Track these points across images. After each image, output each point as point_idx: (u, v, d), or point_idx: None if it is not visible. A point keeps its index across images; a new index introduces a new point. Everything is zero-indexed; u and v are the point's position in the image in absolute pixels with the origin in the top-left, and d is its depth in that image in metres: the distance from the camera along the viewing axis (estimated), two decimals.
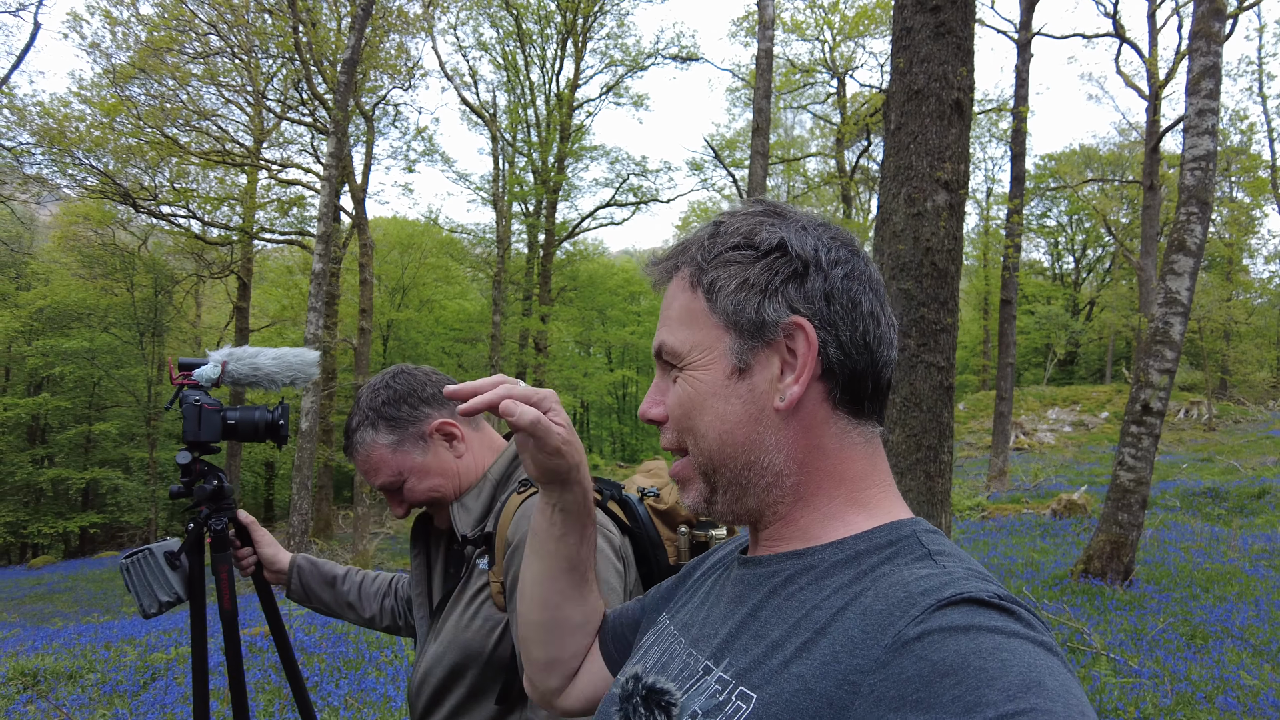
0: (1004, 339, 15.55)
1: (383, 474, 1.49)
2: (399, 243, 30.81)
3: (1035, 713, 0.49)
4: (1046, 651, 0.55)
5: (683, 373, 0.77)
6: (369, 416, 1.50)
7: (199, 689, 1.81)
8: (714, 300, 0.75)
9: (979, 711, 0.50)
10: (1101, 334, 34.53)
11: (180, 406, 1.76)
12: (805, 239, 0.75)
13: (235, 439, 1.80)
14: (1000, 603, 0.59)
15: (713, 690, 0.69)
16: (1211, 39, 6.95)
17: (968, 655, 0.54)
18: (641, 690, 0.76)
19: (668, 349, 0.79)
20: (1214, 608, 6.26)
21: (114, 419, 25.17)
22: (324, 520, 18.90)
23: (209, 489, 1.84)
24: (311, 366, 1.81)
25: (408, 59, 20.34)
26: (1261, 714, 4.21)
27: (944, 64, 4.62)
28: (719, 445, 0.75)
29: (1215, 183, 7.53)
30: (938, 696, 0.52)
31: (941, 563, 0.66)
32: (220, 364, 1.75)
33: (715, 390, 0.75)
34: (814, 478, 0.75)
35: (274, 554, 1.90)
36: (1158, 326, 6.83)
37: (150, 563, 1.74)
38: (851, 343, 0.73)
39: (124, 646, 6.52)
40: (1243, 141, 25.10)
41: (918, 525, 0.72)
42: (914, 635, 0.57)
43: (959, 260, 4.85)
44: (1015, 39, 16.91)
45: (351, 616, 1.86)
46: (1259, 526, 9.68)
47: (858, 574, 0.68)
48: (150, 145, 17.79)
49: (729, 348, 0.75)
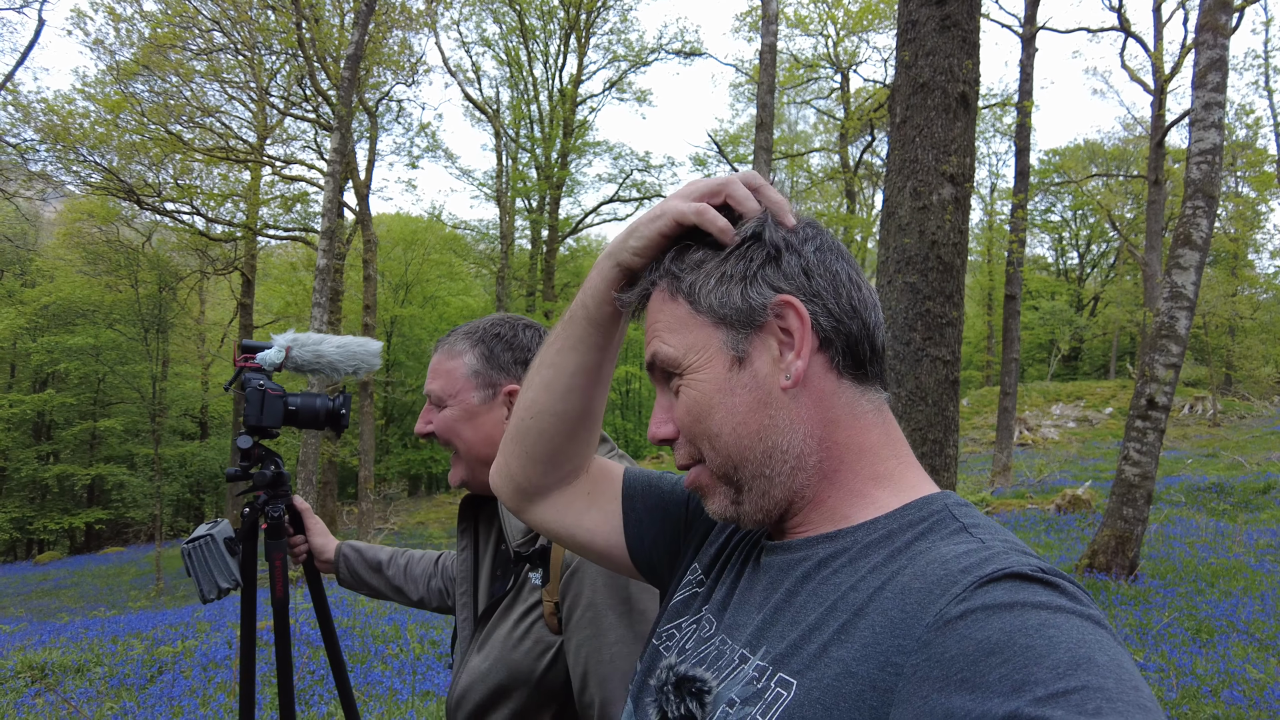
0: (1008, 334, 15.52)
1: (438, 383, 1.44)
2: (402, 239, 30.83)
3: (1087, 690, 0.47)
4: (1095, 625, 0.54)
5: (683, 379, 0.77)
6: (479, 334, 1.46)
7: (245, 675, 1.80)
8: (697, 301, 0.76)
9: (1028, 690, 0.48)
10: (1106, 330, 34.44)
11: (243, 390, 1.74)
12: (769, 226, 0.76)
13: (296, 425, 1.78)
14: (1044, 576, 0.57)
15: (750, 678, 0.67)
16: (1218, 32, 6.92)
17: (1013, 633, 0.52)
18: (673, 679, 0.75)
19: (662, 358, 0.78)
20: (1219, 602, 6.25)
21: (119, 415, 25.25)
22: (329, 516, 18.95)
23: (268, 474, 1.83)
24: (375, 356, 1.80)
25: (411, 55, 20.33)
26: (1267, 707, 4.20)
27: (949, 57, 4.60)
28: (735, 439, 0.74)
29: (1221, 177, 7.50)
30: (984, 676, 0.51)
31: (979, 536, 0.65)
32: (284, 349, 1.73)
33: (719, 386, 0.74)
34: (834, 452, 0.74)
35: (324, 543, 1.90)
36: (1163, 321, 6.81)
37: (212, 548, 1.73)
38: (840, 309, 0.74)
39: (131, 640, 6.55)
40: (1249, 136, 24.98)
41: (949, 499, 0.72)
42: (957, 614, 0.56)
43: (964, 254, 4.84)
44: (1020, 33, 16.85)
45: (401, 599, 1.84)
46: (1264, 522, 9.66)
47: (892, 552, 0.67)
48: (154, 142, 17.81)
49: (723, 342, 0.75)
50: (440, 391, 1.44)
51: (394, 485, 29.79)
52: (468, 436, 1.43)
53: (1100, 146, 33.32)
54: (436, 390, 1.44)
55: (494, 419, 1.43)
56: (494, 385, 1.43)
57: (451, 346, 1.46)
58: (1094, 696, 0.47)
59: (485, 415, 1.43)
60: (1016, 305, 15.73)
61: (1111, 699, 0.47)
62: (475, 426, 1.43)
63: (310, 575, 1.96)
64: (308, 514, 1.91)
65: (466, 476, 1.46)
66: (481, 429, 1.43)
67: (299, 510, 1.90)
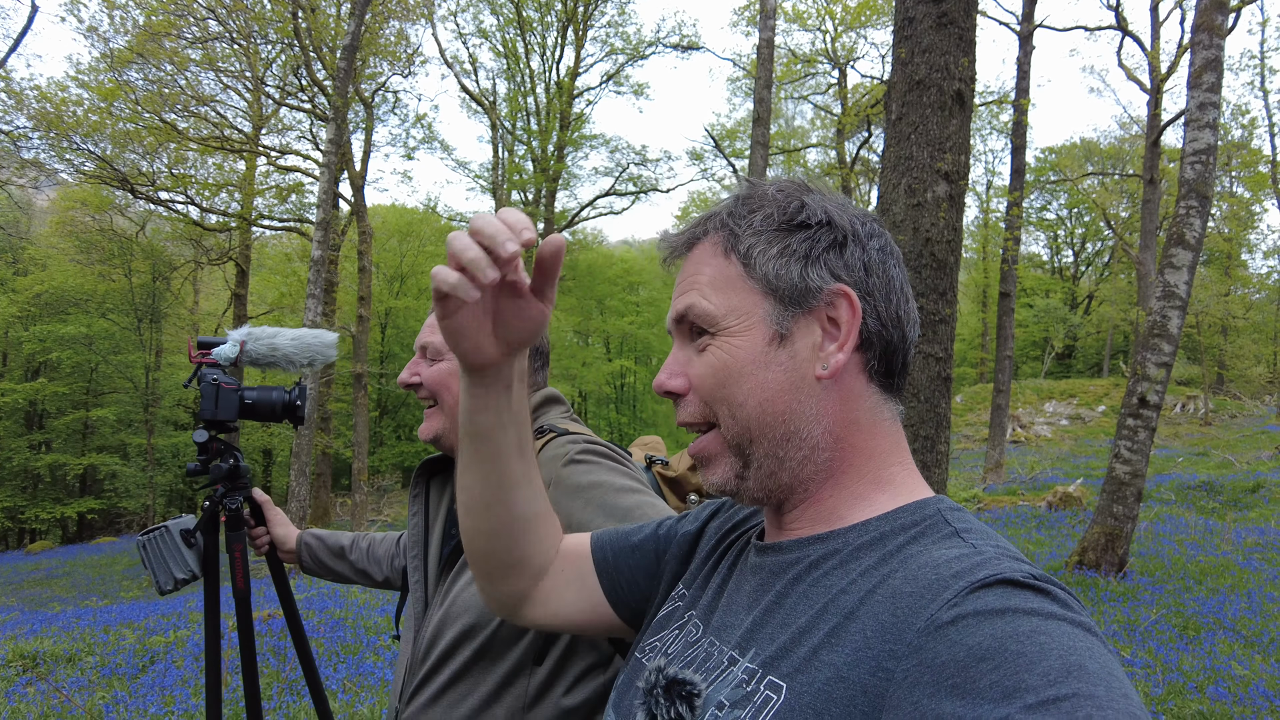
0: (1002, 332, 15.57)
1: (437, 336, 1.44)
2: (398, 230, 30.75)
3: (1077, 698, 0.47)
4: (1086, 632, 0.53)
5: (715, 339, 0.74)
6: None
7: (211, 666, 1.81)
8: (751, 265, 0.74)
9: (1018, 697, 0.48)
10: (1100, 328, 34.58)
11: (198, 385, 1.76)
12: (843, 211, 0.75)
13: (253, 419, 1.79)
14: (1035, 583, 0.57)
15: (739, 680, 0.67)
16: (1214, 32, 6.94)
17: (1005, 639, 0.51)
18: (663, 682, 0.73)
19: (698, 312, 0.75)
20: (1207, 600, 6.30)
21: (111, 405, 25.16)
22: (322, 508, 18.94)
23: (225, 468, 1.84)
24: (329, 348, 1.81)
25: (407, 45, 20.25)
26: (1251, 703, 4.25)
27: (946, 54, 4.61)
28: (759, 414, 0.72)
29: (1215, 177, 7.53)
30: (975, 682, 0.50)
31: (971, 541, 0.64)
32: (239, 343, 1.75)
33: (754, 357, 0.73)
34: (846, 454, 0.73)
35: (285, 533, 1.90)
36: (1155, 320, 6.85)
37: (167, 540, 1.76)
38: (888, 315, 0.74)
39: (123, 630, 6.55)
40: (1244, 136, 25.05)
41: (942, 503, 0.71)
42: (948, 619, 0.55)
43: (958, 251, 4.86)
44: (1017, 31, 16.86)
45: (367, 582, 1.85)
46: (1253, 520, 9.73)
47: (884, 555, 0.66)
48: (148, 130, 17.71)
49: (767, 314, 0.73)
50: (439, 345, 1.44)
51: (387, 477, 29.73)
52: (457, 390, 1.42)
53: (1096, 145, 33.38)
54: (435, 343, 1.44)
55: None
56: None
57: None
58: (1084, 704, 0.47)
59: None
60: (1011, 303, 15.77)
61: (1102, 706, 0.47)
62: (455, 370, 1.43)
63: (274, 566, 1.96)
64: (268, 505, 1.91)
65: (441, 431, 1.46)
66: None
67: (259, 502, 1.91)
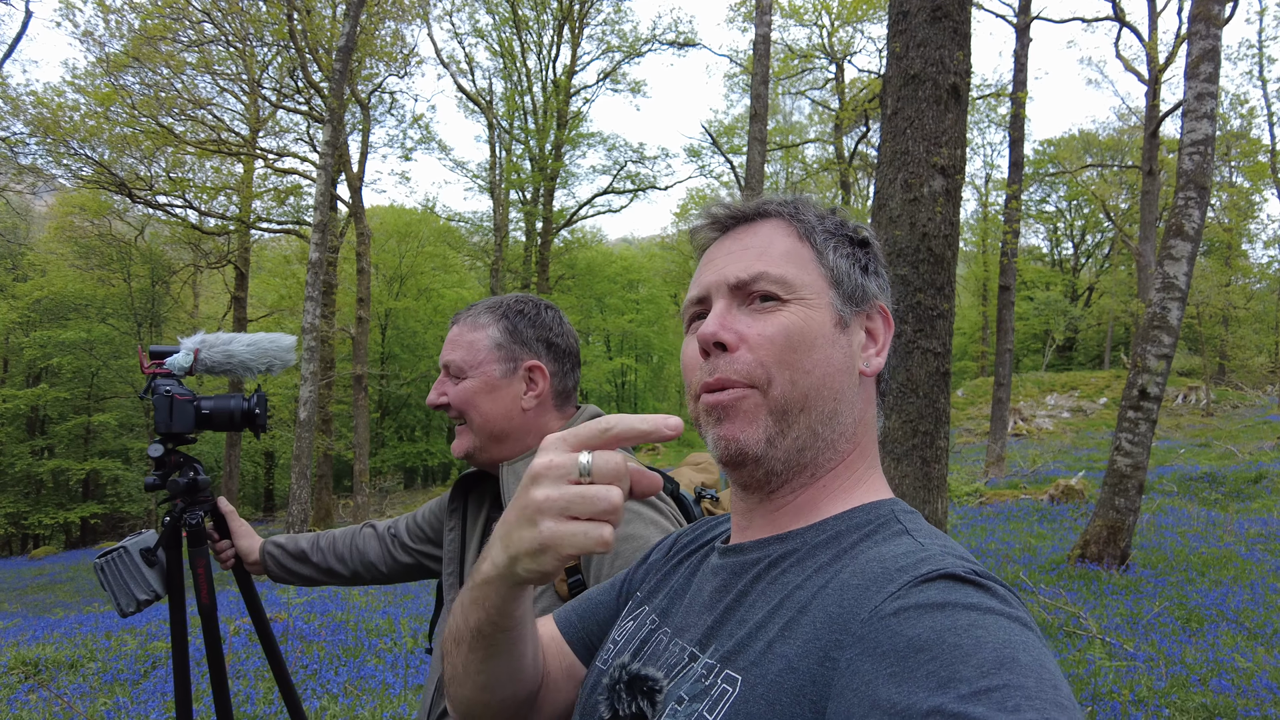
0: (1002, 325, 15.54)
1: (459, 353, 1.44)
2: (396, 231, 30.75)
3: (1008, 689, 0.49)
4: (1021, 627, 0.56)
5: (788, 306, 0.76)
6: (503, 308, 1.47)
7: (180, 686, 1.76)
8: (823, 254, 0.79)
9: (953, 687, 0.50)
10: (1100, 320, 34.53)
11: (151, 397, 1.71)
12: (875, 241, 0.84)
13: (211, 429, 1.74)
14: (976, 579, 0.59)
15: (699, 675, 0.69)
16: (1211, 22, 6.91)
17: (943, 631, 0.54)
18: (625, 677, 0.76)
19: (773, 277, 0.76)
20: (1209, 592, 6.29)
21: (113, 410, 25.18)
22: (324, 509, 18.95)
23: (184, 482, 1.78)
24: (287, 352, 1.77)
25: (403, 46, 20.22)
26: (1255, 695, 4.23)
27: (941, 48, 4.59)
28: (819, 386, 0.74)
29: (1214, 167, 7.51)
30: (913, 671, 0.53)
31: (919, 539, 0.68)
32: (193, 351, 1.70)
33: (825, 333, 0.76)
34: (855, 448, 0.78)
35: (249, 545, 1.87)
36: (1155, 312, 6.83)
37: (126, 560, 1.69)
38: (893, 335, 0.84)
39: (124, 636, 6.55)
40: (1243, 126, 25.01)
41: (896, 505, 0.75)
42: (891, 610, 0.58)
43: (955, 246, 4.84)
44: (1014, 23, 16.81)
45: (335, 580, 1.83)
46: (1255, 511, 9.71)
47: (838, 553, 0.69)
48: (145, 135, 17.71)
49: (833, 300, 0.78)
50: (461, 362, 1.44)
51: (390, 478, 29.80)
52: (485, 409, 1.42)
53: (1095, 137, 33.31)
54: (457, 361, 1.44)
55: (513, 393, 1.43)
56: (515, 359, 1.44)
57: (475, 319, 1.46)
58: (1014, 694, 0.49)
59: (505, 389, 1.43)
60: (1011, 296, 15.75)
61: (1030, 697, 0.49)
62: (494, 399, 1.43)
63: (240, 578, 1.92)
64: (232, 516, 1.88)
65: (473, 447, 1.45)
66: (500, 402, 1.43)
67: (223, 513, 1.87)
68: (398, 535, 1.79)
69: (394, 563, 1.78)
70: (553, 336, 1.48)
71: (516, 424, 1.44)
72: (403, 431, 34.57)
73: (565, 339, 1.50)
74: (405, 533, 1.78)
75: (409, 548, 1.77)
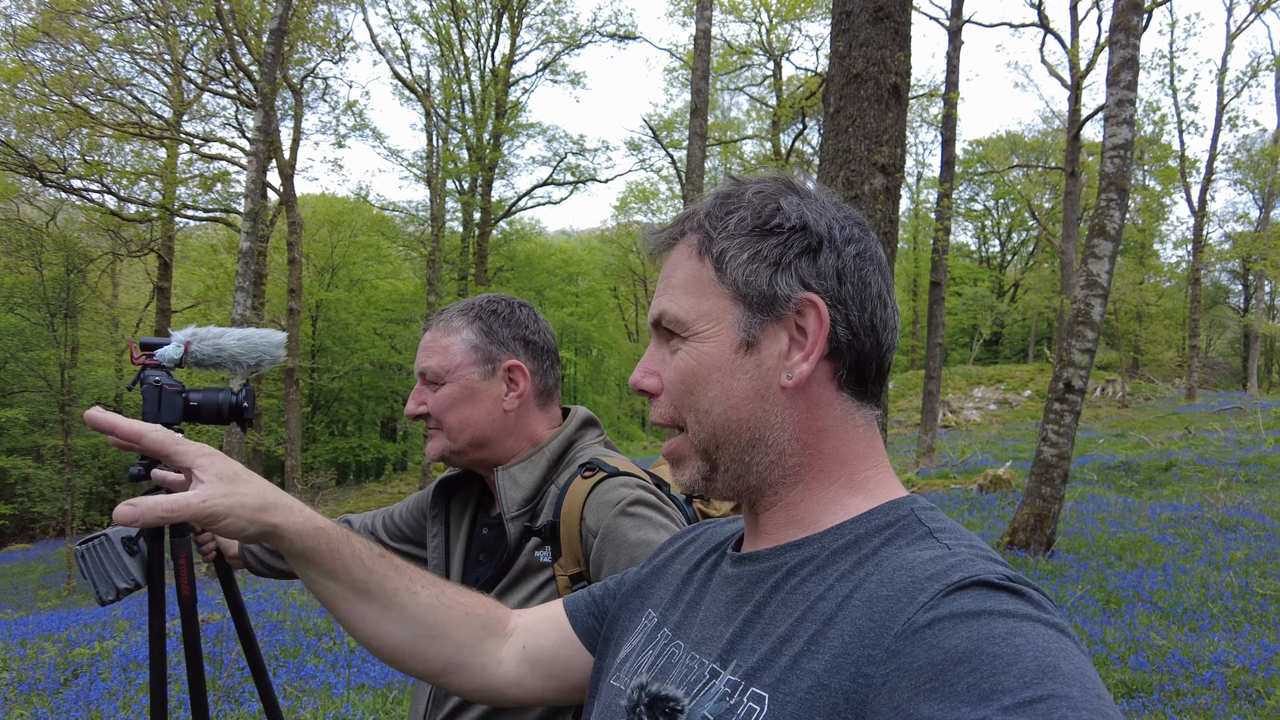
0: (933, 320, 16.00)
1: (435, 359, 1.41)
2: (328, 220, 29.91)
3: (1053, 699, 0.48)
4: (1060, 634, 0.54)
5: (686, 343, 0.74)
6: (476, 309, 1.44)
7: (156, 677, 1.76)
8: (723, 270, 0.73)
9: (996, 699, 0.49)
10: (1025, 315, 35.95)
11: (140, 388, 1.70)
12: (821, 215, 0.73)
13: (198, 421, 1.73)
14: (1009, 584, 0.58)
15: (722, 693, 0.66)
16: (1130, 32, 7.24)
17: (981, 642, 0.52)
18: (645, 699, 0.73)
19: (670, 317, 0.75)
20: (1126, 574, 6.62)
21: (22, 405, 23.84)
22: None
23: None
24: (278, 348, 1.76)
25: (337, 31, 19.64)
26: (1169, 671, 4.48)
27: (883, 48, 4.69)
28: (723, 422, 0.72)
29: (1131, 171, 7.88)
30: (953, 685, 0.51)
31: (945, 541, 0.65)
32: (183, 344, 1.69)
33: (721, 364, 0.72)
34: (816, 460, 0.73)
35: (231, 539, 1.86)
36: (1080, 308, 7.13)
37: (107, 548, 1.69)
38: (860, 323, 0.72)
39: (41, 643, 6.23)
40: (1155, 132, 26.24)
41: (915, 503, 0.71)
42: (925, 623, 0.56)
43: (895, 243, 4.97)
44: (947, 26, 17.30)
45: None
46: (1166, 497, 10.26)
47: (860, 559, 0.66)
48: (57, 114, 16.76)
49: (736, 320, 0.72)
50: (438, 368, 1.41)
51: (322, 474, 29.03)
52: (467, 414, 1.40)
53: (1021, 138, 34.59)
54: (434, 367, 1.41)
55: (494, 395, 1.41)
56: (493, 360, 1.42)
57: (447, 323, 1.44)
58: (1060, 705, 0.48)
59: (486, 392, 1.41)
60: (941, 292, 16.22)
61: (1076, 707, 0.48)
62: (475, 404, 1.40)
63: (221, 572, 1.91)
64: None
65: (449, 451, 1.43)
66: (481, 406, 1.40)
67: None
68: (375, 534, 1.77)
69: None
70: (529, 334, 1.46)
71: (500, 426, 1.42)
72: (334, 427, 33.71)
73: (542, 336, 1.48)
74: (383, 530, 1.76)
75: (387, 546, 1.75)
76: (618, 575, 0.98)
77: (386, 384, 31.89)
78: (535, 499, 1.37)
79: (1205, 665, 4.54)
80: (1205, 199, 24.97)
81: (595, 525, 1.24)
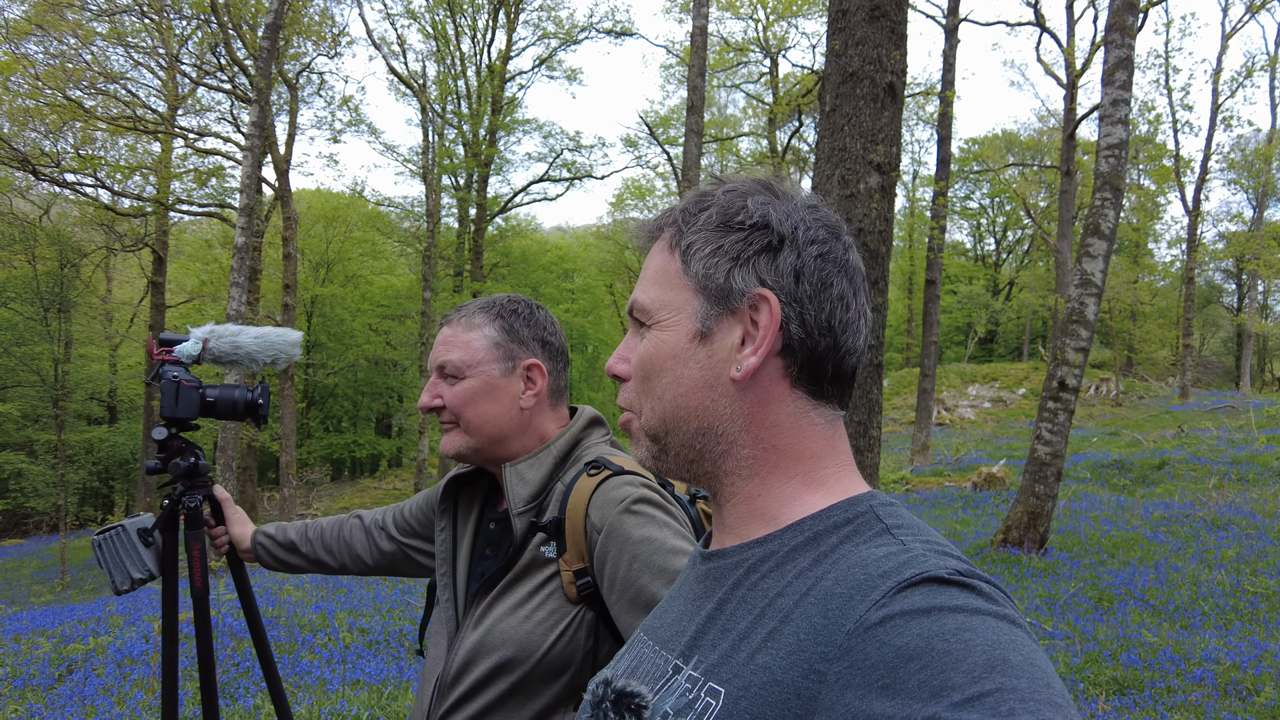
0: (928, 318, 16.04)
1: (456, 353, 1.42)
2: (323, 216, 29.84)
3: (1001, 692, 0.49)
4: (1010, 625, 0.55)
5: (649, 331, 0.78)
6: (497, 308, 1.46)
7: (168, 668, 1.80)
8: (688, 263, 0.76)
9: (945, 696, 0.50)
10: (1020, 313, 36.01)
11: (159, 383, 1.75)
12: (788, 216, 0.74)
13: (214, 417, 1.80)
14: (961, 579, 0.58)
15: (683, 689, 0.67)
16: (1125, 32, 7.26)
17: (931, 638, 0.53)
18: (611, 695, 0.74)
19: (638, 306, 0.79)
20: (1119, 572, 6.65)
21: (15, 400, 23.75)
22: (249, 502, 18.35)
23: (184, 465, 1.83)
24: (294, 347, 1.81)
25: (333, 25, 19.60)
26: (1159, 668, 4.51)
27: (878, 47, 4.70)
28: (674, 408, 0.75)
29: (1126, 170, 7.91)
30: (903, 682, 0.52)
31: (900, 538, 0.65)
32: (201, 341, 1.74)
33: (676, 352, 0.75)
34: (770, 454, 0.74)
35: (243, 532, 1.89)
36: (1074, 307, 7.15)
37: (123, 539, 1.74)
38: (815, 323, 0.73)
39: (35, 638, 6.22)
40: (1150, 131, 26.31)
41: (874, 499, 0.71)
42: (876, 620, 0.56)
43: (889, 241, 4.98)
44: (943, 24, 17.30)
45: (324, 571, 1.86)
46: (1159, 495, 10.31)
47: (818, 556, 0.67)
48: (51, 108, 16.69)
49: (695, 311, 0.75)
50: (459, 362, 1.42)
51: (316, 470, 28.97)
52: (485, 410, 1.41)
53: (1016, 137, 34.65)
54: (455, 361, 1.42)
55: (512, 393, 1.43)
56: (514, 358, 1.44)
57: (469, 319, 1.45)
58: (1008, 698, 0.49)
59: (504, 389, 1.43)
60: (936, 290, 16.26)
61: (1024, 699, 0.49)
62: (494, 400, 1.42)
63: (234, 566, 1.95)
64: (228, 504, 1.91)
65: (466, 448, 1.44)
66: (499, 402, 1.42)
67: (219, 500, 1.90)
68: (385, 528, 1.79)
69: (378, 554, 1.79)
70: (547, 335, 1.49)
71: (515, 424, 1.44)
72: (329, 422, 33.66)
73: (558, 338, 1.51)
74: (393, 525, 1.78)
75: (395, 539, 1.78)
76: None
77: (382, 380, 31.86)
78: (541, 495, 1.39)
79: (1196, 662, 4.58)
80: (1199, 198, 25.01)
81: (600, 522, 1.25)
